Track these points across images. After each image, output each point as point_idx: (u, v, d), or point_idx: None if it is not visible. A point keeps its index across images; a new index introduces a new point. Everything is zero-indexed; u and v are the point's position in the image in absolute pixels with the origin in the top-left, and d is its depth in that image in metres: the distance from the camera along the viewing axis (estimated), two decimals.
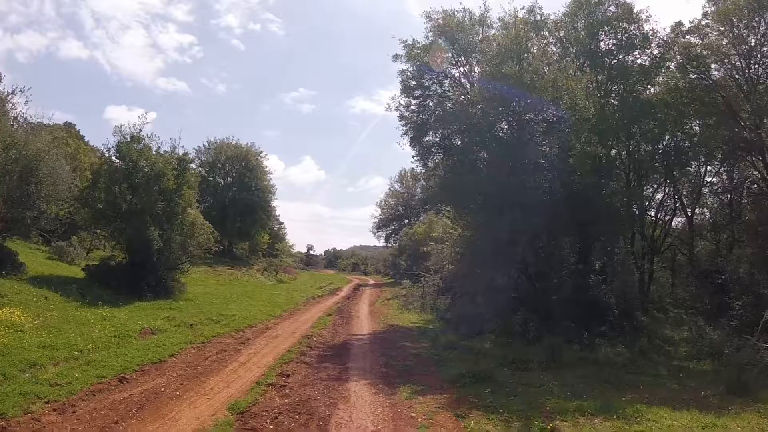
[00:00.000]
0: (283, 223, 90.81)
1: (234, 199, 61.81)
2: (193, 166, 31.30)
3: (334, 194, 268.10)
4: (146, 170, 28.46)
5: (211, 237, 32.52)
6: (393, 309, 32.83)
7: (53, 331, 16.64)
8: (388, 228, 76.03)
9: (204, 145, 63.39)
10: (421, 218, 61.18)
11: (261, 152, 64.97)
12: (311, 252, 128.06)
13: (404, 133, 27.41)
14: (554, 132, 21.18)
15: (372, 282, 71.22)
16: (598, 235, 23.89)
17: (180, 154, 30.32)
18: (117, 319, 19.99)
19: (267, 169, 65.39)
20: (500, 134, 23.17)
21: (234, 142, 63.66)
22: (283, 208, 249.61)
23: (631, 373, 16.36)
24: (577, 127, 20.57)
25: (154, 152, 29.67)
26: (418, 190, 74.11)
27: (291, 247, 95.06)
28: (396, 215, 75.45)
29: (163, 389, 12.29)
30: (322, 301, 37.90)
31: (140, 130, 29.47)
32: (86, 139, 53.07)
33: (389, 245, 77.22)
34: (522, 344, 19.78)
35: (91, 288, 26.14)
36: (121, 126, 29.27)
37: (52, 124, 48.53)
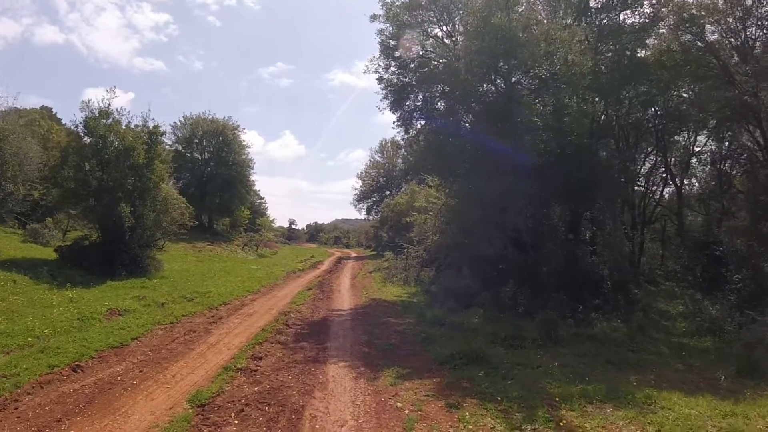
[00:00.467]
0: (263, 198, 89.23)
1: (212, 174, 60.16)
2: (166, 140, 29.43)
3: (314, 168, 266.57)
4: (116, 145, 26.86)
5: (185, 212, 30.97)
6: (376, 282, 31.51)
7: (13, 317, 15.43)
8: (369, 200, 74.37)
9: (180, 121, 61.52)
10: (403, 189, 59.72)
11: (238, 126, 63.13)
12: (293, 226, 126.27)
13: (384, 97, 25.88)
14: (548, 90, 19.59)
15: (354, 255, 69.87)
16: (591, 202, 22.50)
17: (150, 127, 28.61)
18: (84, 300, 18.73)
19: (244, 143, 63.66)
20: (488, 92, 21.63)
21: (210, 117, 61.64)
22: (264, 183, 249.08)
23: (632, 350, 15.24)
24: (573, 83, 18.98)
25: (124, 127, 28.04)
26: (399, 160, 72.56)
27: (272, 221, 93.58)
28: (377, 186, 73.77)
29: (119, 378, 10.95)
30: (303, 275, 36.46)
31: (108, 105, 27.70)
32: (64, 122, 51.47)
33: (371, 217, 75.72)
34: (513, 319, 18.57)
35: (62, 269, 24.97)
36: (88, 101, 27.62)
37: (28, 108, 46.91)
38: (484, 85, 21.51)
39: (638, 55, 23.88)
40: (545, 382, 11.52)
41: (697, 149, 27.15)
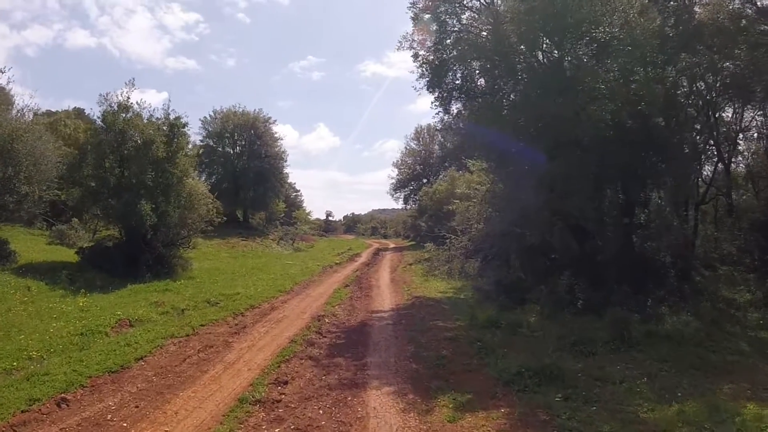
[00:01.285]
0: (299, 191, 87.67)
1: (245, 168, 58.22)
2: (194, 134, 27.23)
3: (349, 160, 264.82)
4: (135, 140, 24.88)
5: (212, 208, 28.77)
6: (417, 276, 28.98)
7: (11, 332, 13.45)
8: (406, 189, 71.37)
9: (210, 116, 59.60)
10: (441, 176, 56.87)
11: (269, 118, 61.11)
12: (330, 218, 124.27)
13: (420, 76, 23.11)
14: (609, 54, 16.56)
15: (392, 245, 67.44)
16: (657, 180, 19.55)
17: (172, 118, 26.45)
18: (95, 309, 16.73)
19: (276, 135, 61.56)
20: (540, 60, 18.78)
21: (240, 111, 59.67)
22: (300, 176, 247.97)
23: (712, 351, 12.60)
24: (638, 46, 15.92)
25: (145, 120, 26.04)
26: (436, 147, 69.64)
27: (309, 214, 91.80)
28: (414, 175, 70.75)
29: (109, 417, 8.69)
30: (340, 269, 34.17)
31: (128, 98, 25.68)
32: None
33: (408, 206, 72.85)
34: (574, 316, 15.98)
35: (83, 273, 23.15)
36: (107, 94, 25.55)
37: (60, 111, 45.49)
38: (535, 52, 18.65)
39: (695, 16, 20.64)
40: (635, 403, 9.05)
41: (744, 125, 23.85)
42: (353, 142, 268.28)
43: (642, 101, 16.21)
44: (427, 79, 22.94)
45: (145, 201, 23.82)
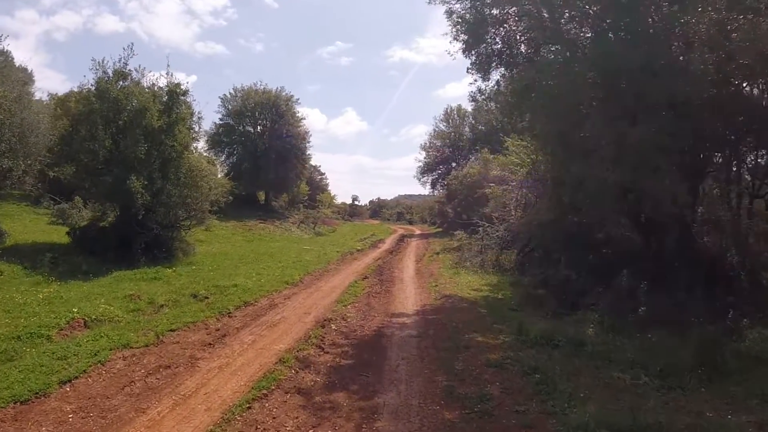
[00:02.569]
0: (324, 174, 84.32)
1: (266, 148, 54.80)
2: (192, 101, 23.77)
3: (377, 145, 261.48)
4: (129, 109, 21.66)
5: (218, 186, 25.38)
6: (445, 267, 25.18)
7: None
8: (434, 173, 67.04)
9: (230, 93, 56.19)
10: (472, 159, 52.85)
11: (291, 97, 57.41)
12: (356, 202, 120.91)
13: (454, 38, 19.33)
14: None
15: (418, 232, 63.66)
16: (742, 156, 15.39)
17: (170, 84, 23.02)
18: (59, 301, 13.77)
19: (299, 115, 57.87)
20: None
21: (262, 88, 56.15)
22: (328, 160, 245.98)
23: None
24: None
25: (146, 88, 22.78)
26: (467, 129, 65.30)
27: (334, 197, 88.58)
28: (442, 158, 66.30)
29: None
30: (361, 256, 30.56)
31: (126, 65, 22.53)
32: None
33: (435, 192, 68.70)
34: (639, 329, 12.34)
35: (71, 256, 20.47)
36: (102, 60, 22.37)
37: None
38: None
39: None
40: None
41: None
42: (381, 127, 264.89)
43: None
44: (463, 41, 19.17)
45: (136, 177, 20.55)
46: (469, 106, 62.95)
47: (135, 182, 20.32)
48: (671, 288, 13.99)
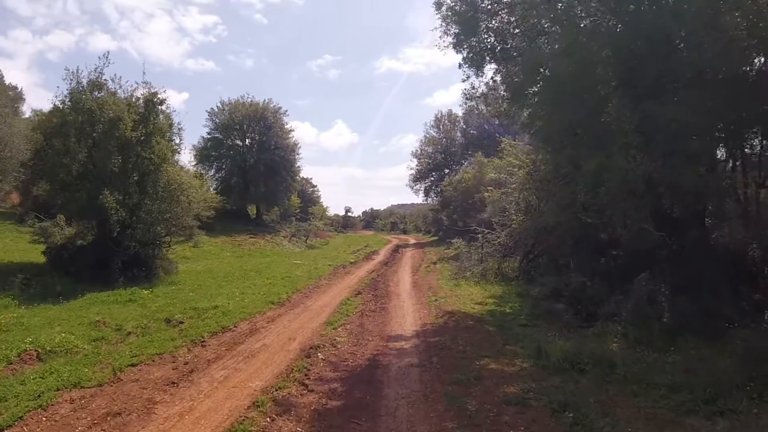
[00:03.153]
0: (316, 186, 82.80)
1: (255, 161, 53.05)
2: (170, 110, 22.11)
3: (367, 155, 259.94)
4: (103, 120, 19.98)
5: (202, 202, 23.68)
6: (444, 278, 23.44)
7: None
8: (427, 180, 65.10)
9: (218, 107, 54.32)
10: (464, 165, 51.05)
11: (279, 108, 55.58)
12: (349, 214, 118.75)
13: (444, 32, 17.71)
14: None
15: (413, 241, 61.85)
16: None
17: (147, 93, 21.29)
18: (19, 329, 12.28)
19: (288, 127, 56.03)
20: None
21: (249, 101, 54.30)
22: (319, 173, 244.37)
23: None
24: None
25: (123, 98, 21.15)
26: (458, 134, 63.40)
27: (326, 209, 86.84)
28: (434, 164, 64.38)
29: None
30: (354, 269, 28.78)
31: (101, 74, 20.88)
32: None
33: (429, 200, 66.68)
34: (668, 340, 10.82)
35: (44, 277, 18.88)
36: (77, 70, 20.75)
37: None
38: None
39: None
40: None
41: None
42: (371, 138, 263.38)
43: None
44: (453, 34, 17.63)
45: (110, 191, 18.85)
46: (459, 111, 61.45)
47: (108, 197, 18.68)
48: (694, 290, 12.32)
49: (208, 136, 53.27)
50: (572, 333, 12.36)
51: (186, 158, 49.88)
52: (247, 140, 54.45)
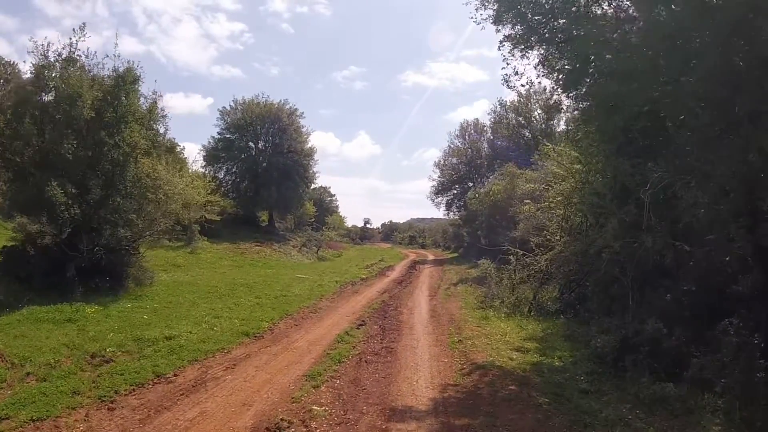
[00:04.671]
0: (334, 195, 79.22)
1: (267, 165, 49.25)
2: (153, 93, 18.48)
3: (389, 168, 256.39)
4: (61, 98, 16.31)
5: (178, 202, 19.80)
6: (468, 307, 19.09)
7: None
8: (449, 193, 60.70)
9: (231, 106, 50.63)
10: (492, 177, 46.69)
11: (295, 110, 51.71)
12: (368, 225, 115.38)
13: (481, 4, 13.69)
14: None
15: (431, 257, 57.47)
16: None
17: (120, 70, 17.48)
18: None
19: (304, 130, 52.11)
20: None
21: (264, 101, 50.55)
22: (341, 183, 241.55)
23: None
24: None
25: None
26: (485, 144, 58.73)
27: (344, 219, 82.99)
28: (458, 177, 59.89)
29: None
30: (364, 288, 24.70)
31: (74, 50, 17.15)
32: None
33: (451, 213, 62.04)
34: None
35: None
36: (46, 42, 16.81)
37: None
38: None
39: None
40: None
41: None
42: (394, 151, 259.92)
43: None
44: (493, 7, 13.55)
45: (59, 183, 14.99)
46: (487, 121, 57.03)
47: (55, 189, 14.79)
48: None
49: (219, 136, 49.52)
50: (656, 407, 8.22)
51: (191, 157, 46.00)
52: (260, 143, 50.64)
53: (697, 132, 9.39)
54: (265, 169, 49.23)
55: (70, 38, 17.01)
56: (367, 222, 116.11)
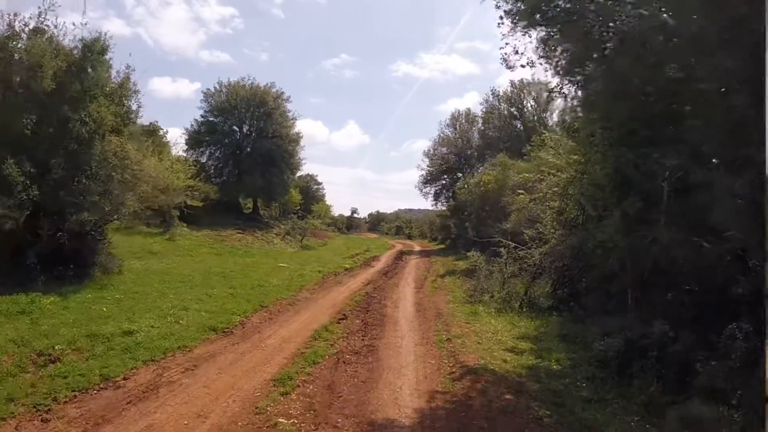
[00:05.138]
0: (321, 184, 77.94)
1: (251, 150, 47.87)
2: (127, 68, 17.32)
3: (378, 158, 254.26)
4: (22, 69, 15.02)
5: (149, 183, 18.63)
6: (456, 301, 18.11)
7: None
8: (437, 183, 59.64)
9: (215, 87, 49.01)
10: (481, 169, 45.57)
11: (282, 94, 50.06)
12: (355, 215, 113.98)
13: None
14: None
15: (418, 248, 56.47)
16: None
17: (85, 40, 16.22)
18: None
19: (290, 114, 50.47)
20: None
21: (249, 84, 48.92)
22: (329, 172, 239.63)
23: None
24: None
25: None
26: (476, 134, 57.63)
27: (329, 208, 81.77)
28: (447, 167, 58.88)
29: None
30: (347, 279, 23.67)
31: (42, 20, 15.89)
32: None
33: (439, 203, 60.88)
34: None
35: None
36: (12, 13, 15.57)
37: None
38: None
39: None
40: None
41: None
42: (382, 141, 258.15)
43: None
44: None
45: (15, 162, 13.78)
46: (479, 111, 55.87)
47: (12, 168, 13.57)
48: None
49: (202, 119, 47.90)
50: (665, 421, 7.32)
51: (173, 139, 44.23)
52: (244, 126, 49.00)
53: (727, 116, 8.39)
54: (248, 154, 47.78)
55: (39, 7, 15.85)
56: (354, 211, 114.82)
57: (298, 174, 58.17)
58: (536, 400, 8.10)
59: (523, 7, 12.63)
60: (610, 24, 10.25)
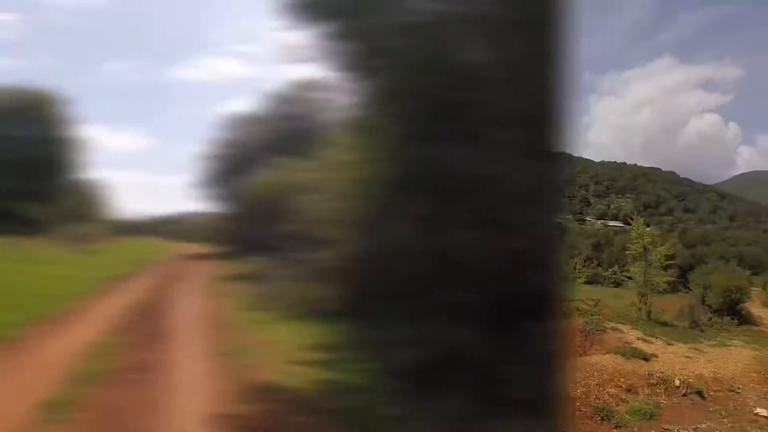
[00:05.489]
0: (99, 187, 70.89)
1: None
2: None
3: (158, 160, 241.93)
4: None
5: None
6: (238, 309, 16.88)
7: None
8: (217, 186, 57.57)
9: None
10: (264, 171, 44.63)
11: (54, 96, 44.51)
12: (129, 219, 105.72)
13: None
14: None
15: (197, 253, 53.81)
16: None
17: None
18: None
19: (63, 118, 44.98)
20: None
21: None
22: (110, 177, 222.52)
23: None
24: None
25: None
26: (257, 135, 56.38)
27: (107, 211, 74.74)
28: (228, 169, 56.93)
29: None
30: (102, 299, 20.06)
31: None
32: None
33: (219, 205, 58.69)
34: None
35: None
36: None
37: None
38: None
39: None
40: None
41: None
42: (162, 142, 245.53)
43: None
44: None
45: None
46: (260, 111, 54.78)
47: None
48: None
49: None
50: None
51: None
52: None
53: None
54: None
55: None
56: (134, 215, 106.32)
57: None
58: (339, 422, 7.27)
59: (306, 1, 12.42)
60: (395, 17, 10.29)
